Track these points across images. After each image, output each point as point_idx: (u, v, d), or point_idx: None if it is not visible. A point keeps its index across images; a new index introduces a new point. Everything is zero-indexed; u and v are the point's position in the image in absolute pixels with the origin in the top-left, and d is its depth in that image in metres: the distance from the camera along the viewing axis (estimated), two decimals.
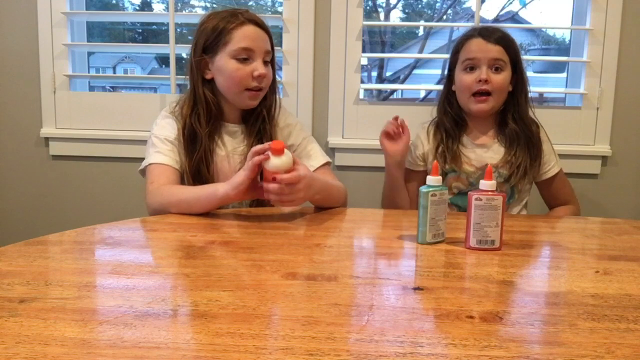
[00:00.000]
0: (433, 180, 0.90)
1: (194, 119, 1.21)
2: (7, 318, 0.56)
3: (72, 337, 0.52)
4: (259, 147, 1.03)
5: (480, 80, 1.29)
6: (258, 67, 1.20)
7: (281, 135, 1.31)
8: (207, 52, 1.22)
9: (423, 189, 0.90)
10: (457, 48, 1.37)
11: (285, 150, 1.02)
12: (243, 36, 1.19)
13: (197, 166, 1.20)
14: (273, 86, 1.29)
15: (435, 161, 0.94)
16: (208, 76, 1.24)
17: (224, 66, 1.20)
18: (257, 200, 1.19)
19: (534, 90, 1.48)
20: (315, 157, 1.31)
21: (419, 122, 1.45)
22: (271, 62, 1.27)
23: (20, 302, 0.61)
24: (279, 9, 1.84)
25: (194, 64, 1.23)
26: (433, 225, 0.89)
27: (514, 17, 2.37)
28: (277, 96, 1.31)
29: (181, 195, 1.10)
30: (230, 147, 1.26)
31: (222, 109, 1.25)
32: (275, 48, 1.29)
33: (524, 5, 2.37)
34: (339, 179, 1.28)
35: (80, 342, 0.51)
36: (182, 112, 1.23)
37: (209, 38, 1.21)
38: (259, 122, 1.26)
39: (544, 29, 2.41)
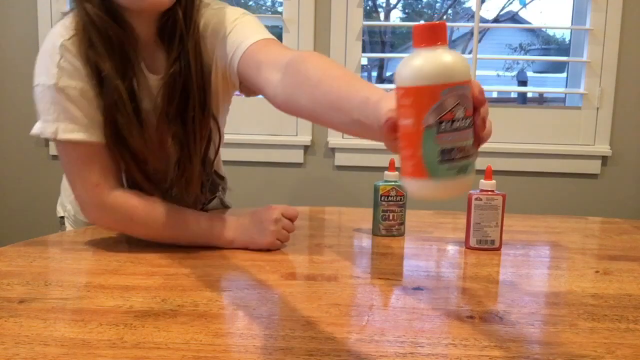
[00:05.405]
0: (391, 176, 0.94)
1: (92, 51, 0.78)
2: (7, 318, 0.56)
3: (72, 337, 0.52)
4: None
5: None
6: None
7: (207, 42, 0.86)
8: None
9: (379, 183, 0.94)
10: None
11: None
12: None
13: (113, 126, 0.80)
14: None
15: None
16: None
17: None
18: None
19: (534, 90, 1.48)
20: (247, 37, 0.82)
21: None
22: None
23: (20, 303, 0.61)
24: (279, 9, 1.84)
25: None
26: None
27: (514, 17, 2.37)
28: None
29: (165, 227, 0.83)
30: (154, 84, 0.84)
31: (125, 30, 0.80)
32: None
33: (524, 5, 2.37)
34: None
35: (80, 342, 0.51)
36: (79, 45, 0.79)
37: None
38: (178, 30, 0.81)
39: (544, 29, 2.41)
